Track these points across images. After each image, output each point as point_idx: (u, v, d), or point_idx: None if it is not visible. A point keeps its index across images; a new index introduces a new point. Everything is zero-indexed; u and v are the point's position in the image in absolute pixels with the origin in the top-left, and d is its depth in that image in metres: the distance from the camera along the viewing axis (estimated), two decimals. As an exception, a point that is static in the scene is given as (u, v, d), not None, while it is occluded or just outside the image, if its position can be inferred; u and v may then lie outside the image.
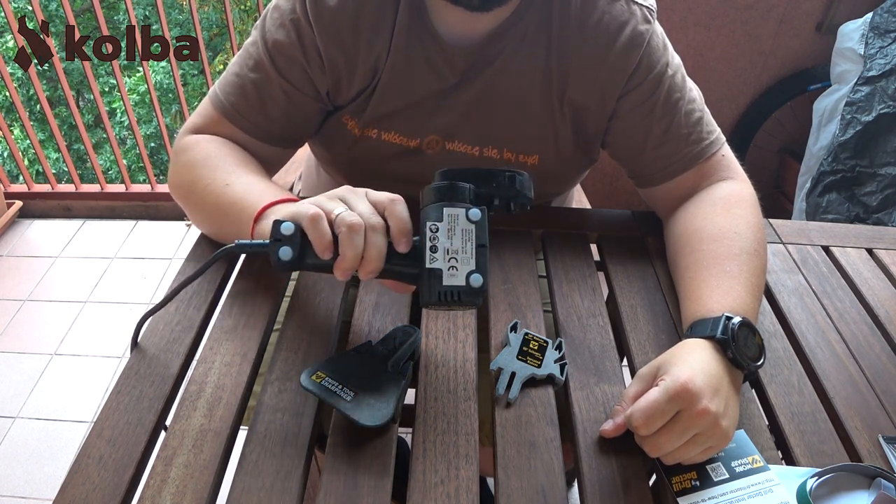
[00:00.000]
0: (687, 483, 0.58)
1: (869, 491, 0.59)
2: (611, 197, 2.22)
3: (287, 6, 0.77)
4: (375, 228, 0.57)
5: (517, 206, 0.62)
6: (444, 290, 0.55)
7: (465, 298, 0.55)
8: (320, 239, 0.57)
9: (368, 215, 0.57)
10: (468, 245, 0.56)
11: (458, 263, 0.56)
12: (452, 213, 0.57)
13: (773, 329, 0.77)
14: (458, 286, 0.55)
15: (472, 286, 0.55)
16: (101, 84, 5.58)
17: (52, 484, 1.55)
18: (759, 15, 1.86)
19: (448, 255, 0.56)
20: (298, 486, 0.56)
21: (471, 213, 0.57)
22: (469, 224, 0.57)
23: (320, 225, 0.57)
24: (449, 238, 0.56)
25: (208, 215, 0.77)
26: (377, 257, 0.57)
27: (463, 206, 0.57)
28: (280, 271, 0.60)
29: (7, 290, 2.07)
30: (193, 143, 0.79)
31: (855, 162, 1.75)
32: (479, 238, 0.56)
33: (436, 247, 0.56)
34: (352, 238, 0.56)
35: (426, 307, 0.57)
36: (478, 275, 0.55)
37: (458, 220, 0.57)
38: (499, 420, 0.63)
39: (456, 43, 0.78)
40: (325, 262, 0.58)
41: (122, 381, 0.65)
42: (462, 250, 0.56)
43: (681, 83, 0.81)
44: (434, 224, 0.56)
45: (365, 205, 0.59)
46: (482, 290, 0.55)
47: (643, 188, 0.88)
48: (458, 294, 0.55)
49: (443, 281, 0.55)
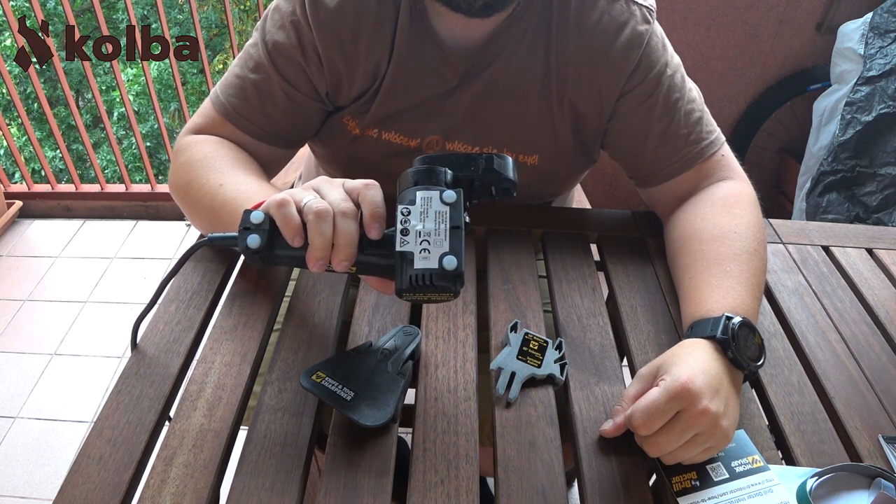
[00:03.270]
0: (687, 483, 0.58)
1: (869, 491, 0.59)
2: (611, 197, 2.22)
3: (287, 8, 0.77)
4: (345, 214, 0.54)
5: (499, 190, 0.59)
6: (416, 274, 0.51)
7: (437, 282, 0.52)
8: (287, 224, 0.55)
9: (338, 201, 0.55)
10: (441, 227, 0.53)
11: (430, 246, 0.52)
12: (426, 196, 0.54)
13: (773, 329, 0.77)
14: (430, 269, 0.51)
15: (445, 269, 0.51)
16: (101, 83, 5.58)
17: (52, 484, 1.55)
18: (759, 15, 1.86)
19: (420, 238, 0.53)
20: (298, 486, 0.56)
21: (445, 195, 0.54)
22: (443, 206, 0.54)
23: (286, 209, 0.55)
24: (421, 220, 0.53)
25: (204, 216, 0.77)
26: (347, 243, 0.54)
27: (437, 188, 0.55)
28: (252, 262, 0.57)
29: (7, 290, 2.07)
30: (192, 144, 0.79)
31: (855, 162, 1.75)
32: (453, 219, 0.53)
33: (407, 230, 0.53)
34: (319, 225, 0.53)
35: (400, 296, 0.54)
36: (451, 257, 0.52)
37: (431, 202, 0.54)
38: (499, 420, 0.63)
39: (456, 45, 0.78)
40: (297, 252, 0.55)
41: (122, 381, 0.65)
42: (435, 232, 0.53)
43: (680, 83, 0.81)
44: (406, 207, 0.54)
45: (337, 192, 0.57)
46: (457, 272, 0.51)
47: (643, 188, 0.88)
48: (430, 277, 0.51)
49: (414, 264, 0.52)
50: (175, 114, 5.80)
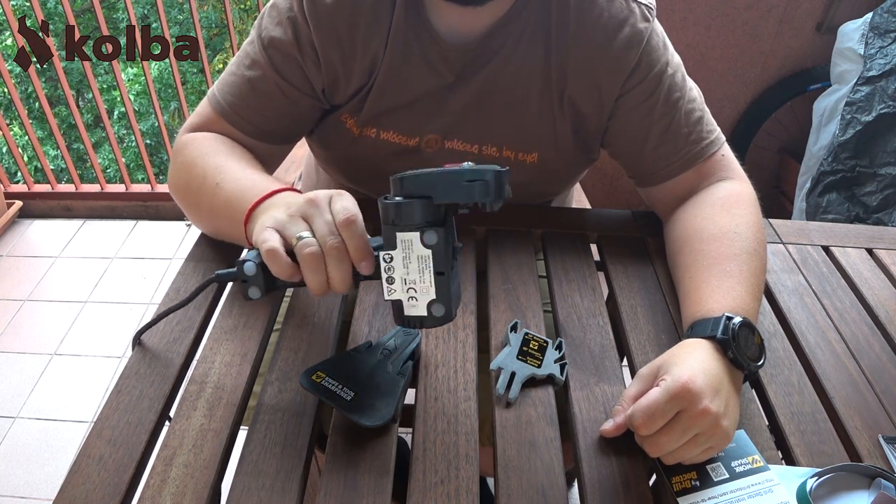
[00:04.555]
0: (687, 483, 0.58)
1: (869, 491, 0.59)
2: (611, 197, 2.22)
3: (285, 5, 0.77)
4: (335, 254, 0.55)
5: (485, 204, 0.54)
6: (407, 319, 0.55)
7: (429, 326, 0.55)
8: (282, 272, 0.56)
9: (327, 238, 0.55)
10: (426, 274, 0.53)
11: (417, 293, 0.54)
12: (405, 239, 0.52)
13: (773, 329, 0.77)
14: (419, 316, 0.55)
15: (434, 316, 0.54)
16: (101, 83, 5.57)
17: (52, 484, 1.55)
18: (759, 15, 1.86)
19: (406, 286, 0.54)
20: (298, 486, 0.56)
21: (426, 237, 0.52)
22: (424, 250, 0.52)
23: (278, 260, 0.56)
24: (405, 266, 0.53)
25: (204, 214, 0.77)
26: (341, 282, 0.56)
27: (416, 229, 0.52)
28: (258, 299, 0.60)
29: (7, 290, 2.07)
30: (190, 142, 0.80)
31: (855, 162, 1.75)
32: (436, 265, 0.52)
33: (392, 278, 0.54)
34: (312, 270, 0.55)
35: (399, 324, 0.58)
36: (439, 305, 0.54)
37: (412, 245, 0.52)
38: (499, 420, 0.63)
39: (453, 40, 0.78)
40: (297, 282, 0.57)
41: (122, 381, 0.65)
42: (420, 280, 0.53)
43: (681, 82, 0.81)
44: (387, 254, 0.53)
45: (324, 223, 0.56)
46: (447, 318, 0.54)
47: (643, 187, 0.88)
48: (420, 323, 0.55)
49: (404, 312, 0.55)
50: (175, 113, 5.80)
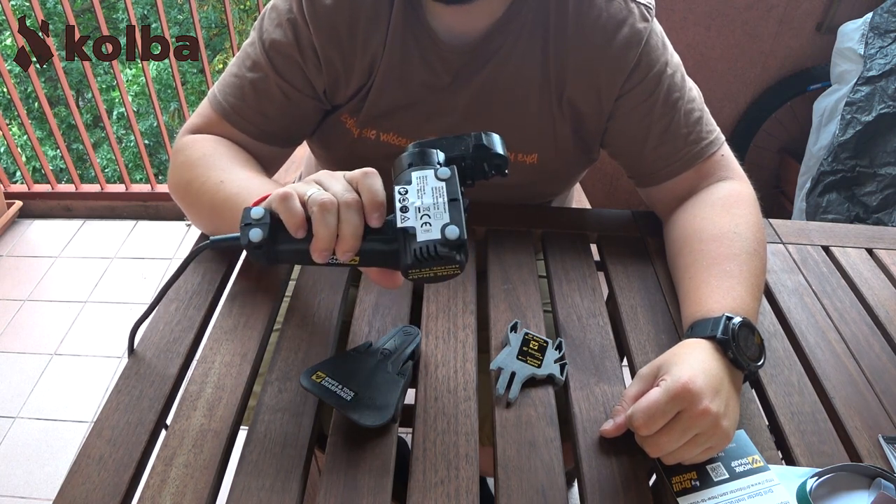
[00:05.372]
0: (687, 483, 0.58)
1: (869, 491, 0.59)
2: (611, 197, 2.22)
3: (284, 6, 0.77)
4: (349, 205, 0.54)
5: (492, 166, 0.60)
6: (419, 247, 0.52)
7: (442, 251, 0.52)
8: (291, 216, 0.54)
9: (342, 192, 0.55)
10: (440, 201, 0.54)
11: (431, 219, 0.53)
12: (420, 175, 0.56)
13: (773, 329, 0.77)
14: (433, 240, 0.52)
15: (448, 238, 0.52)
16: (101, 83, 5.57)
17: (52, 484, 1.55)
18: (759, 15, 1.86)
19: (420, 213, 0.54)
20: (298, 486, 0.56)
21: (440, 172, 0.56)
22: (439, 182, 0.55)
23: (290, 202, 0.55)
24: (419, 197, 0.54)
25: (205, 214, 0.77)
26: (352, 234, 0.54)
27: (431, 167, 0.56)
28: (254, 258, 0.57)
29: (7, 290, 2.07)
30: (191, 143, 0.79)
31: (855, 162, 1.75)
32: (450, 193, 0.54)
33: (406, 207, 0.54)
34: (324, 216, 0.54)
35: (407, 275, 0.55)
36: (453, 226, 0.52)
37: (427, 179, 0.55)
38: (499, 420, 0.63)
39: (451, 41, 0.78)
40: (300, 246, 0.55)
41: (122, 381, 0.65)
42: (434, 206, 0.54)
43: (680, 82, 0.81)
44: (403, 187, 0.55)
45: (339, 184, 0.57)
46: (460, 241, 0.52)
47: (643, 188, 0.88)
48: (434, 248, 0.52)
49: (417, 237, 0.52)
50: (175, 113, 5.81)
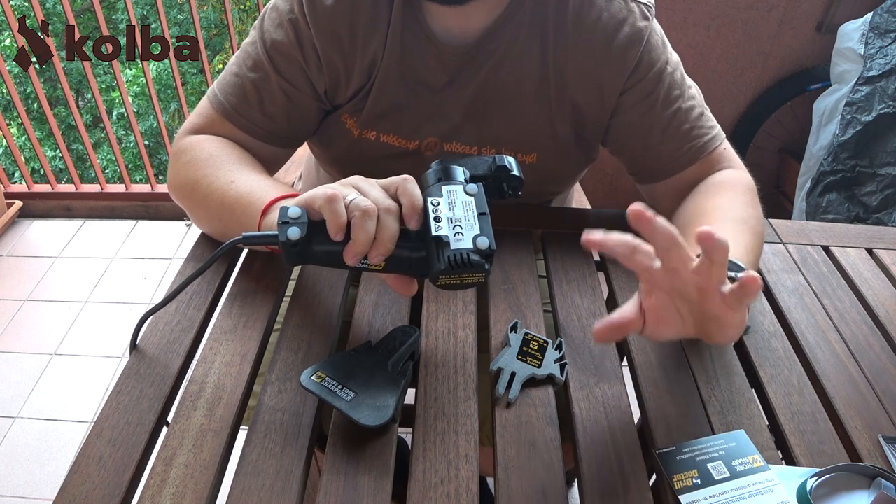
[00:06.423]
0: (688, 481, 0.58)
1: (869, 491, 0.59)
2: (611, 197, 2.22)
3: (285, 6, 0.77)
4: (389, 211, 0.58)
5: (510, 187, 0.65)
6: (453, 253, 0.56)
7: (474, 259, 0.56)
8: (336, 219, 0.57)
9: (382, 199, 0.59)
10: (470, 214, 0.59)
11: (462, 230, 0.58)
12: (451, 189, 0.60)
13: (773, 329, 0.77)
14: (465, 248, 0.56)
15: (479, 247, 0.56)
16: (101, 83, 5.57)
17: (52, 484, 1.55)
18: (759, 15, 1.86)
19: (452, 224, 0.58)
20: (298, 486, 0.56)
21: (468, 188, 0.60)
22: (468, 197, 0.60)
23: (337, 205, 0.57)
24: (451, 209, 0.59)
25: (213, 213, 0.76)
26: (389, 240, 0.58)
27: (460, 182, 0.61)
28: (288, 258, 0.59)
29: (7, 290, 2.07)
30: (195, 143, 0.79)
31: (855, 162, 1.75)
32: (479, 207, 0.59)
33: (439, 217, 0.58)
34: (365, 221, 0.57)
35: (436, 281, 0.58)
36: (484, 237, 0.57)
37: (456, 194, 0.60)
38: (499, 420, 0.63)
39: (450, 42, 0.78)
40: (334, 247, 0.59)
41: (122, 381, 0.65)
42: (465, 218, 0.58)
43: (680, 80, 0.81)
44: (435, 199, 0.59)
45: (378, 191, 0.60)
46: (490, 250, 0.57)
47: (645, 184, 0.88)
48: (467, 255, 0.56)
49: (450, 245, 0.57)
50: (175, 114, 5.81)
